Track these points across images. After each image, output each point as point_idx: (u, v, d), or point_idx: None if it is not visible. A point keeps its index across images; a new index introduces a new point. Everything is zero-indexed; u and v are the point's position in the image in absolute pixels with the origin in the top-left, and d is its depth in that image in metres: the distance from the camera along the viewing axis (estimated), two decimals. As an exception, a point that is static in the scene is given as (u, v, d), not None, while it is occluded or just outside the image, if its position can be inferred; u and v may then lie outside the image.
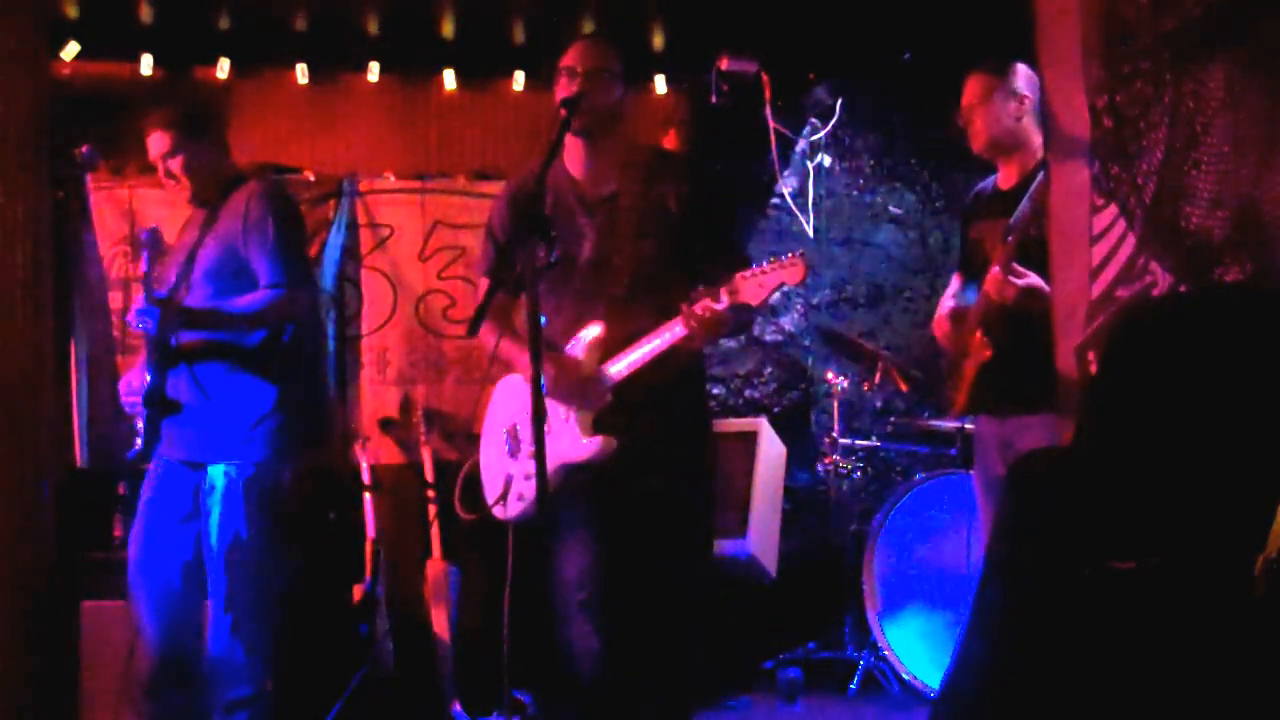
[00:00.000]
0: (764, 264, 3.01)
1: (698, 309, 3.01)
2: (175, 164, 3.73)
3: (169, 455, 3.68)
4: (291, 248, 3.70)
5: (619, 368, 3.15)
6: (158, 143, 3.73)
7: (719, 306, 3.00)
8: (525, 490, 3.22)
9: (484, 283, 3.43)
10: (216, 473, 3.62)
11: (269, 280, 3.64)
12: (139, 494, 3.75)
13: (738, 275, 3.02)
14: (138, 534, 3.70)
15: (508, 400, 3.39)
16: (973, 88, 3.66)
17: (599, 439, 3.14)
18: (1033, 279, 3.35)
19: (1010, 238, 3.40)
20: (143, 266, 3.64)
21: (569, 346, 3.22)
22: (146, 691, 3.69)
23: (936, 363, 4.04)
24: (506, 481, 3.27)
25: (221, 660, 3.63)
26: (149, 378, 3.59)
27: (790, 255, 3.00)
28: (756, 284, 2.99)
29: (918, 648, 4.82)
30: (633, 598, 3.18)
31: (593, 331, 3.18)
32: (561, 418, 3.17)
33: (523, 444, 3.27)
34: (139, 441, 3.61)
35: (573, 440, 3.16)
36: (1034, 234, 3.33)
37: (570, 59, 3.22)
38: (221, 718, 3.65)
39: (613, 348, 3.17)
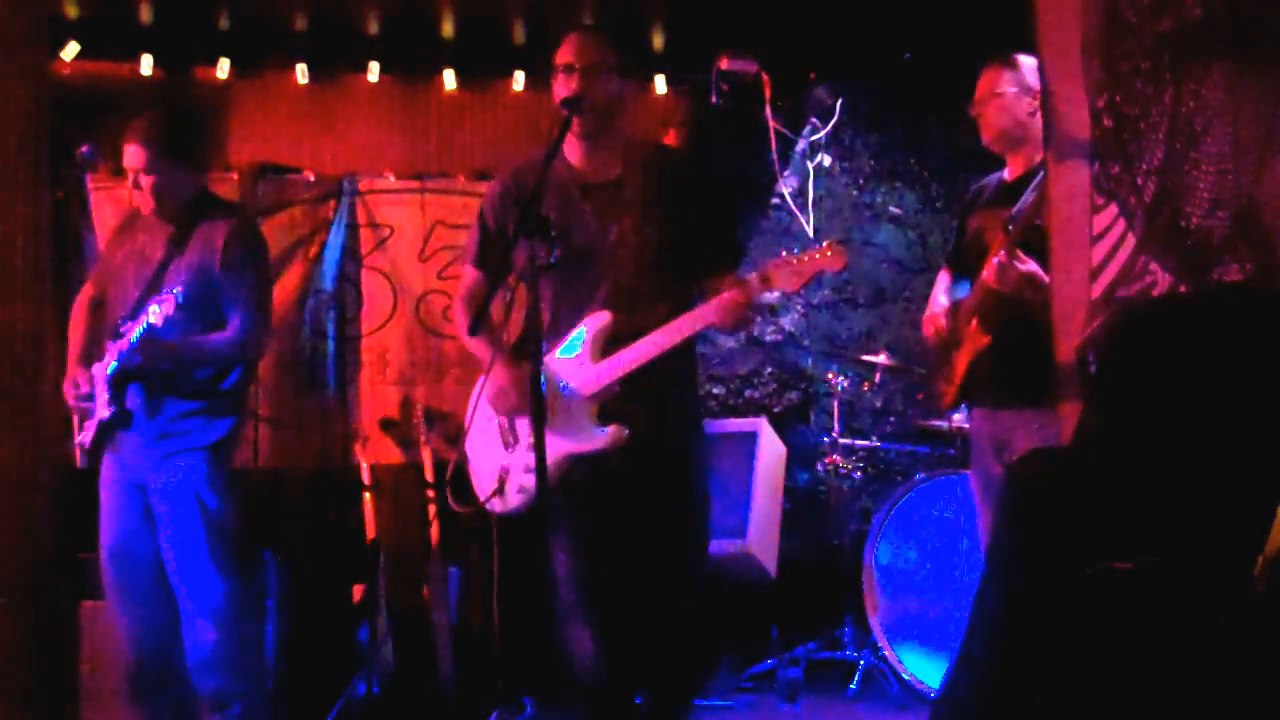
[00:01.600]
0: (795, 250, 2.99)
1: (728, 295, 2.99)
2: (146, 182, 3.74)
3: (121, 460, 3.73)
4: (264, 293, 3.84)
5: (630, 357, 3.11)
6: (133, 156, 3.74)
7: (752, 293, 2.98)
8: (526, 482, 3.18)
9: (470, 272, 3.42)
10: (178, 473, 3.67)
11: (241, 320, 3.72)
12: (98, 501, 3.79)
13: (769, 263, 3.00)
14: (106, 540, 3.75)
15: None
16: (988, 80, 3.66)
17: (612, 428, 3.11)
18: (1034, 266, 3.33)
19: (1013, 226, 3.40)
20: (159, 321, 3.66)
21: (568, 336, 3.20)
22: (133, 695, 3.71)
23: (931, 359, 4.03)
24: (502, 474, 3.24)
25: (202, 657, 3.65)
26: (109, 393, 3.65)
27: (827, 242, 2.98)
28: (792, 271, 2.97)
29: (917, 647, 4.82)
30: (628, 597, 3.17)
31: (600, 320, 3.16)
32: (568, 409, 3.15)
33: (521, 436, 3.23)
34: (85, 439, 3.71)
35: (582, 431, 3.12)
36: (1038, 224, 3.33)
37: (567, 54, 3.19)
38: (216, 715, 3.66)
39: (618, 337, 3.15)
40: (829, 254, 2.96)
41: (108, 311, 3.81)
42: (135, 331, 3.55)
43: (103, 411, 3.66)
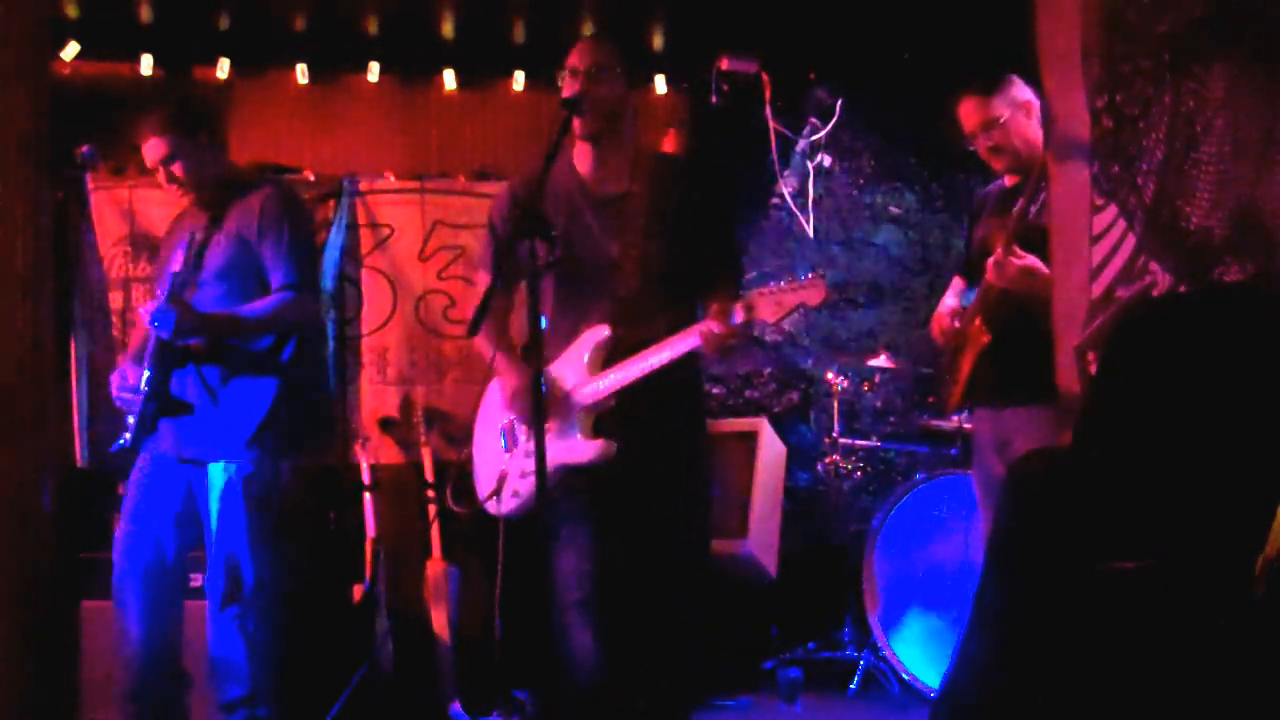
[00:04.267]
0: (782, 282, 3.01)
1: (712, 324, 3.00)
2: (176, 168, 3.69)
3: (164, 451, 3.66)
4: (304, 251, 3.72)
5: (622, 375, 3.13)
6: (154, 149, 3.69)
7: (735, 322, 2.98)
8: (520, 487, 3.22)
9: (483, 278, 3.43)
10: (216, 470, 3.61)
11: (281, 282, 3.63)
12: (127, 490, 3.74)
13: (754, 292, 3.01)
14: (125, 531, 3.67)
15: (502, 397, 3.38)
16: (977, 110, 3.56)
17: (599, 442, 3.14)
18: (1032, 259, 3.33)
19: (1011, 221, 3.39)
20: (174, 266, 3.63)
21: (572, 348, 3.21)
22: (131, 693, 3.68)
23: (938, 362, 4.03)
24: (500, 477, 3.26)
25: (221, 660, 3.62)
26: (149, 373, 3.57)
27: (811, 275, 3.00)
28: (774, 302, 2.98)
29: (918, 648, 4.82)
30: (630, 598, 3.17)
31: (599, 334, 3.18)
32: (563, 419, 3.16)
33: (519, 441, 3.26)
34: (127, 436, 3.60)
35: (572, 442, 3.15)
36: (1039, 223, 3.33)
37: (572, 59, 3.22)
38: (221, 718, 3.65)
39: (619, 350, 3.16)
40: (809, 287, 2.97)
41: None
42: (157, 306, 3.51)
43: (138, 399, 3.58)
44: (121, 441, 3.62)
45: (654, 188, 3.24)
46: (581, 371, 3.18)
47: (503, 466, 3.27)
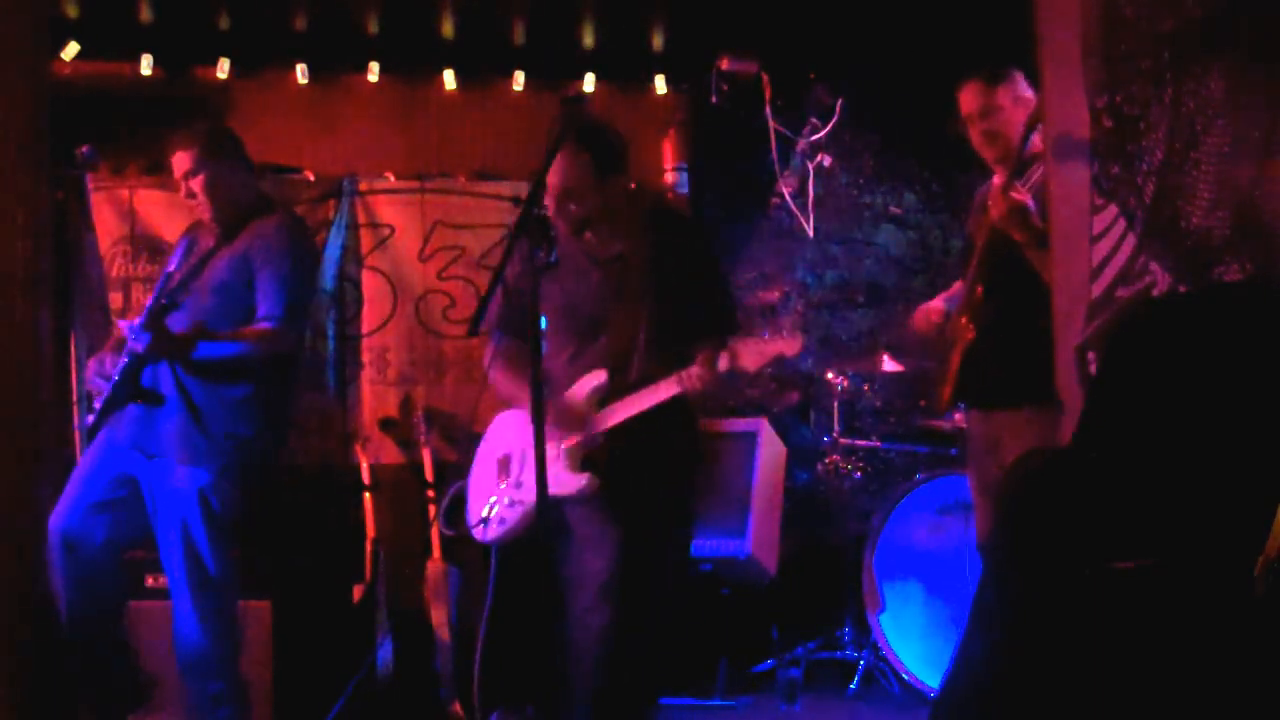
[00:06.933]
0: (765, 334, 3.20)
1: (695, 371, 3.16)
2: (196, 183, 3.78)
3: (121, 439, 3.71)
4: (299, 287, 3.79)
5: (612, 417, 3.28)
6: (181, 161, 3.79)
7: (719, 369, 3.15)
8: (507, 515, 3.40)
9: (498, 336, 3.54)
10: (183, 474, 3.64)
11: (266, 312, 3.70)
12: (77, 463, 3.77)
13: (738, 341, 3.19)
14: (60, 520, 3.67)
15: (504, 432, 3.55)
16: (981, 95, 3.57)
17: (585, 476, 3.27)
18: (1028, 198, 3.30)
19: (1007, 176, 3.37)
20: (170, 265, 3.73)
21: (572, 389, 3.34)
22: (80, 674, 3.72)
23: (925, 355, 4.05)
24: (490, 505, 3.43)
25: (195, 657, 3.67)
26: (124, 362, 3.64)
27: (788, 329, 3.20)
28: (755, 351, 3.17)
29: (917, 647, 4.82)
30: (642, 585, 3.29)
31: (597, 379, 3.32)
32: (552, 453, 3.23)
33: (511, 473, 3.44)
34: (91, 418, 3.68)
35: (559, 475, 3.24)
36: (1024, 205, 3.31)
37: (550, 176, 3.22)
38: (208, 712, 3.67)
39: (614, 393, 3.31)
40: (788, 340, 3.18)
41: None
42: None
43: (108, 386, 3.66)
44: (87, 422, 3.69)
45: (650, 246, 3.39)
46: (579, 411, 3.32)
47: (493, 495, 3.45)
